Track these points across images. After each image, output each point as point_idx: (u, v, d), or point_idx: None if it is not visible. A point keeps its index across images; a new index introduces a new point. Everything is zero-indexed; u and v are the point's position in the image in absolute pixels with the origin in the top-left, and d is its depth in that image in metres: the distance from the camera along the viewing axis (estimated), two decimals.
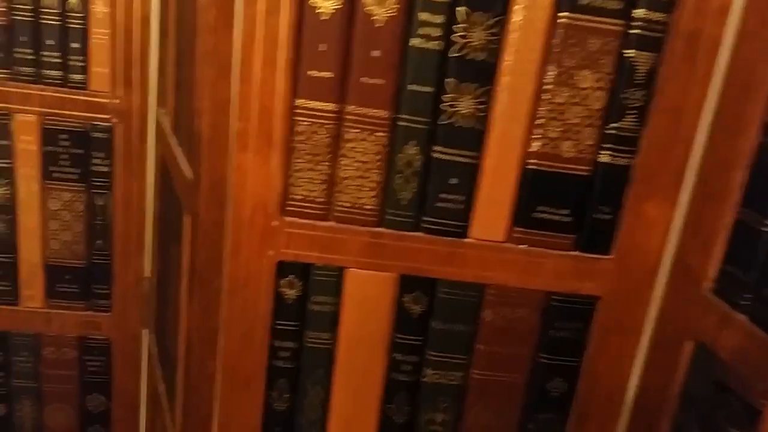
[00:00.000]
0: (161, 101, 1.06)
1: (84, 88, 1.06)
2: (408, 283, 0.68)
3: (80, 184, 1.10)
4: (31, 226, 1.11)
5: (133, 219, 1.12)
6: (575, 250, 0.68)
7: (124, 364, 1.19)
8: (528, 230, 0.67)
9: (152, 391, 1.12)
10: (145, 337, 1.19)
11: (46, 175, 1.09)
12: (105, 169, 1.09)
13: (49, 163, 1.08)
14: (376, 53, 0.63)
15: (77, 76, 1.05)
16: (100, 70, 1.05)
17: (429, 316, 0.69)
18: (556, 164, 0.65)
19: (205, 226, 0.68)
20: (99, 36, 1.04)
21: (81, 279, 1.14)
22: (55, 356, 1.16)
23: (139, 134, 1.09)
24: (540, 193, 0.66)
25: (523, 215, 0.67)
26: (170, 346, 0.91)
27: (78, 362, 1.18)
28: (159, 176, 1.08)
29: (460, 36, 0.62)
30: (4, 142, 1.06)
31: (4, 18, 1.01)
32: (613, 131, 0.65)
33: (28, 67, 1.04)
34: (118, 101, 1.07)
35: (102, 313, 1.16)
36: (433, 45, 0.62)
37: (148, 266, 1.16)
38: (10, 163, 1.07)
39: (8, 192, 1.08)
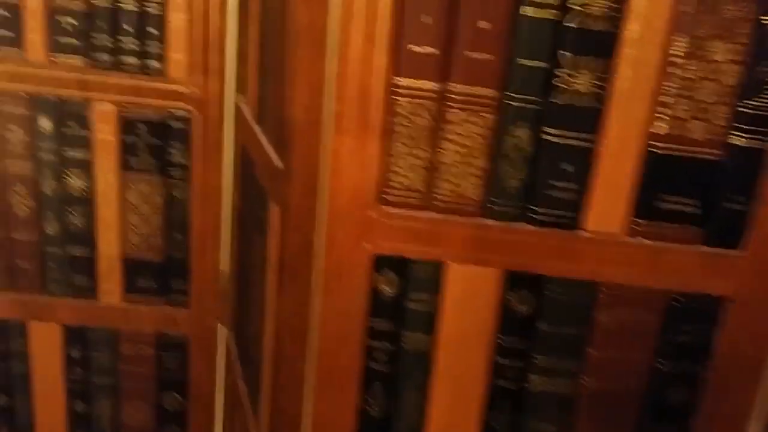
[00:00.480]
0: (241, 88, 1.02)
1: (161, 75, 1.03)
2: (514, 280, 0.62)
3: (158, 176, 1.08)
4: (110, 218, 1.09)
5: (211, 211, 1.09)
6: (703, 245, 0.61)
7: (201, 361, 1.16)
8: (649, 222, 0.61)
9: (231, 390, 1.09)
10: (222, 333, 1.16)
11: (124, 166, 1.07)
12: (182, 160, 1.07)
13: (127, 153, 1.06)
14: (484, 24, 0.57)
15: (155, 63, 1.03)
16: (177, 56, 1.03)
17: (536, 316, 0.63)
18: (683, 147, 0.59)
19: (295, 216, 0.64)
20: (177, 21, 1.01)
21: (158, 273, 1.12)
22: (133, 352, 1.15)
23: (217, 123, 1.06)
24: (664, 180, 0.60)
25: (644, 205, 0.60)
26: (253, 344, 0.88)
27: (155, 359, 1.16)
28: (238, 166, 1.05)
29: (578, 3, 0.56)
30: (83, 133, 1.05)
31: (83, 3, 1.00)
32: (749, 110, 0.57)
33: (106, 54, 1.02)
34: (195, 89, 1.04)
35: (179, 309, 1.14)
36: (547, 14, 0.56)
37: (225, 260, 1.13)
38: (89, 153, 1.06)
39: (86, 184, 1.07)
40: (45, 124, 1.05)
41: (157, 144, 1.06)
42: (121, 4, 1.00)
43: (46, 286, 1.13)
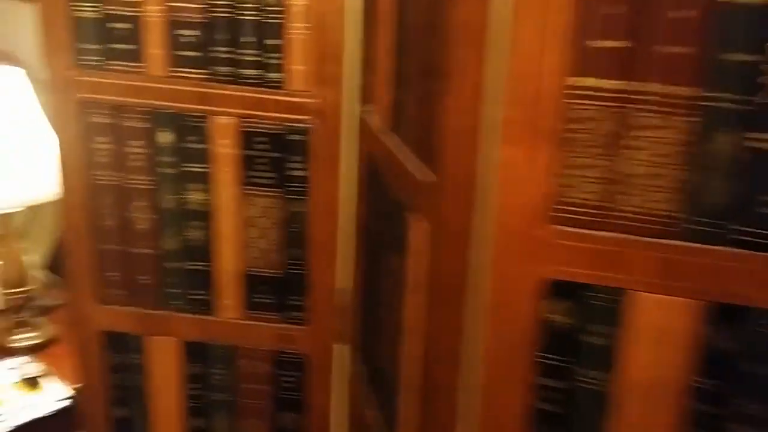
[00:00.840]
0: (366, 97, 0.97)
1: (281, 87, 1.00)
2: (715, 313, 0.53)
3: (277, 190, 1.04)
4: (228, 233, 1.07)
5: (331, 226, 1.04)
6: None
7: (318, 381, 1.12)
8: None
9: (356, 416, 1.04)
10: (339, 352, 1.11)
11: (244, 180, 1.04)
12: (302, 173, 1.02)
13: (246, 167, 1.03)
14: (681, 13, 0.48)
15: (274, 75, 0.99)
16: (297, 67, 0.99)
17: (742, 355, 0.53)
18: None
19: (449, 234, 0.57)
20: (296, 31, 0.97)
21: (276, 289, 1.09)
22: (250, 370, 1.12)
23: (337, 135, 1.01)
24: None
25: None
26: (387, 368, 0.81)
27: (272, 377, 1.12)
28: (363, 179, 0.99)
29: None
30: (203, 146, 1.03)
31: (202, 16, 0.97)
32: None
33: (225, 66, 1.00)
34: (315, 100, 0.99)
35: (296, 326, 1.10)
36: None
37: (345, 276, 1.08)
38: (208, 167, 1.04)
39: (206, 198, 1.05)
40: (165, 138, 1.03)
41: (276, 157, 1.02)
42: (240, 16, 0.97)
43: (164, 300, 1.11)
